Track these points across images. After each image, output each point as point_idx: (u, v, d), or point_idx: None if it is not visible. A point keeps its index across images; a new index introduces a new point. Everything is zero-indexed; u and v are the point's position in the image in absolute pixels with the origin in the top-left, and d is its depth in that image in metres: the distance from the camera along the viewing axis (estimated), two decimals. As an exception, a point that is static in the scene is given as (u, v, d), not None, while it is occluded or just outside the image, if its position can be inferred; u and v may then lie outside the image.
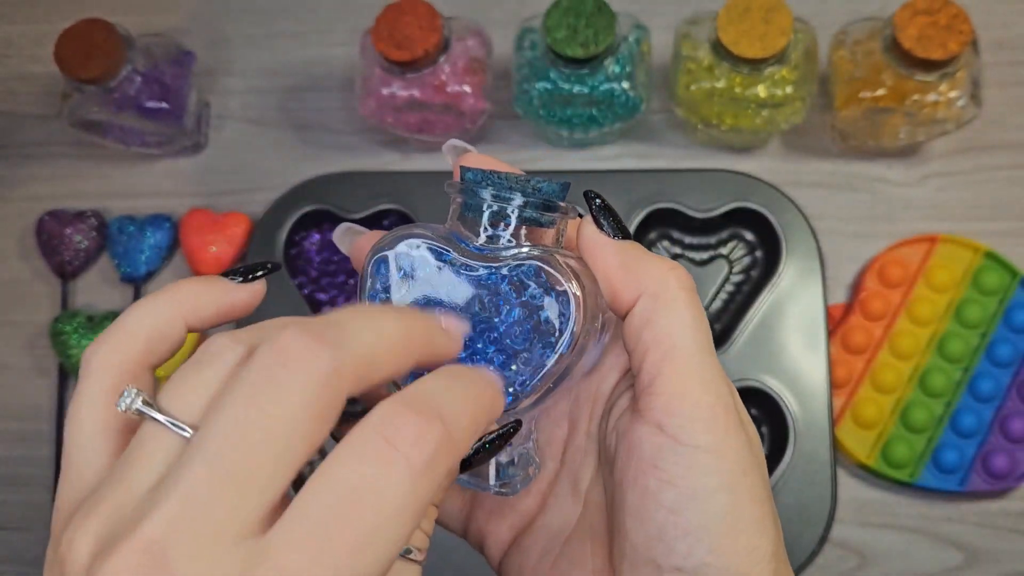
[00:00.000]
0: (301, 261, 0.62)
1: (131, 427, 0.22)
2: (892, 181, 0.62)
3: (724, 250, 0.61)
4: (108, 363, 0.23)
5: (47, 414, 0.63)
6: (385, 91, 0.57)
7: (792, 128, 0.60)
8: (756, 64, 0.54)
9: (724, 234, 0.61)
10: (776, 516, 0.26)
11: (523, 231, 0.27)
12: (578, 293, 0.26)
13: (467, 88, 0.57)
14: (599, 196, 0.28)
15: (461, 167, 0.28)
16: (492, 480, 0.28)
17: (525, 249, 0.27)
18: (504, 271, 0.27)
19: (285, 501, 0.19)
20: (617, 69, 0.56)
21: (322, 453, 0.21)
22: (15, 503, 0.62)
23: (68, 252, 0.64)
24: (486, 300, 0.27)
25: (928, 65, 0.52)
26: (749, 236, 0.60)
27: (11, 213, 0.67)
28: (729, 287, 0.60)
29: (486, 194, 0.27)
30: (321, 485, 0.19)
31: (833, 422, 0.56)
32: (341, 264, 0.63)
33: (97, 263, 0.65)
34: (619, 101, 0.57)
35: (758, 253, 0.60)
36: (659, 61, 0.62)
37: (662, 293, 0.26)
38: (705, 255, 0.61)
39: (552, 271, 0.26)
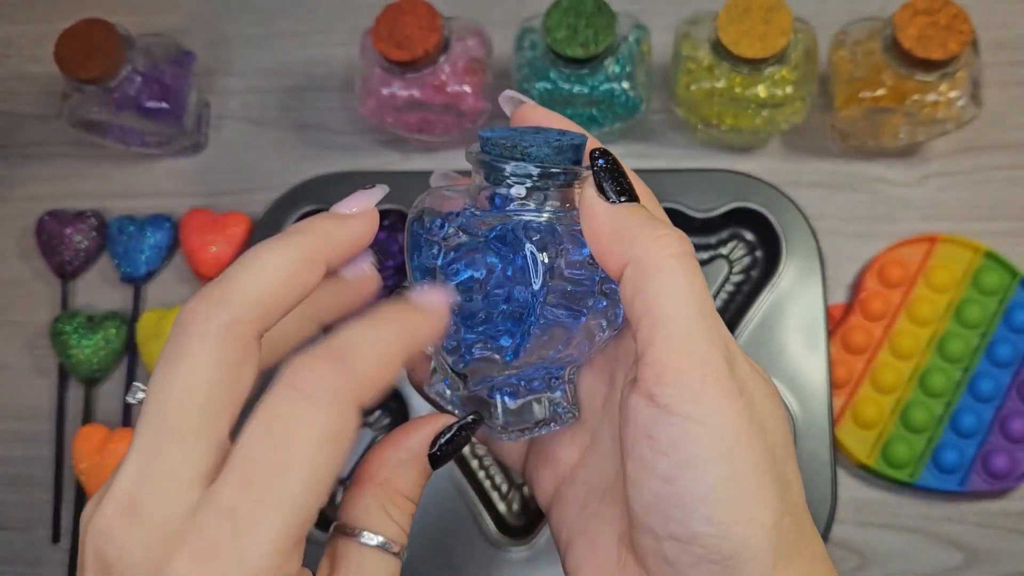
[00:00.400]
0: (301, 261, 0.62)
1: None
2: (892, 181, 0.62)
3: (724, 250, 0.61)
4: (208, 329, 0.25)
5: (47, 414, 0.63)
6: (385, 91, 0.57)
7: (792, 128, 0.60)
8: (756, 64, 0.54)
9: (724, 234, 0.61)
10: (786, 484, 0.26)
11: (542, 195, 0.28)
12: (543, 258, 0.27)
13: (467, 88, 0.57)
14: (605, 155, 0.27)
15: (480, 133, 0.29)
16: (500, 419, 0.30)
17: (540, 213, 0.28)
18: (497, 231, 0.28)
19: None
20: (617, 69, 0.56)
21: None
22: (15, 503, 0.62)
23: (68, 252, 0.64)
24: (497, 258, 0.28)
25: (928, 65, 0.52)
26: (749, 236, 0.60)
27: (11, 213, 0.67)
28: (729, 287, 0.60)
29: (503, 166, 0.28)
30: (245, 433, 0.22)
31: (833, 422, 0.56)
32: (341, 264, 0.62)
33: (97, 263, 0.65)
34: (619, 101, 0.57)
35: (758, 253, 0.60)
36: (659, 61, 0.62)
37: (648, 262, 0.25)
38: (705, 255, 0.61)
39: (527, 232, 0.27)
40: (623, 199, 0.27)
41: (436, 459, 0.28)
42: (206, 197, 0.65)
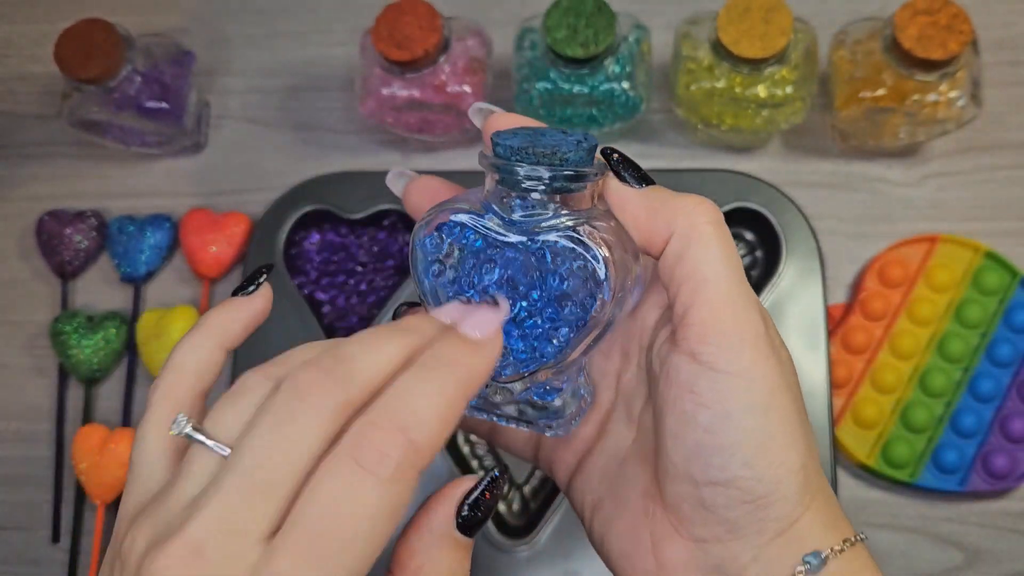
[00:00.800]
0: (301, 261, 0.62)
1: (184, 448, 0.26)
2: (892, 181, 0.62)
3: (724, 250, 0.61)
4: (166, 396, 0.27)
5: (47, 414, 0.63)
6: (385, 91, 0.57)
7: (792, 128, 0.60)
8: (756, 64, 0.54)
9: (724, 234, 0.61)
10: (808, 433, 0.28)
11: (557, 197, 0.28)
12: (607, 255, 0.28)
13: (467, 88, 0.57)
14: (615, 150, 0.29)
15: (493, 138, 0.29)
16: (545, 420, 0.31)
17: (559, 219, 0.28)
18: (537, 244, 0.28)
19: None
20: (617, 69, 0.56)
21: None
22: (15, 503, 0.62)
23: (68, 252, 0.64)
24: (523, 273, 0.29)
25: (928, 65, 0.52)
26: (749, 236, 0.60)
27: (11, 213, 0.67)
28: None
29: (518, 170, 0.28)
30: (307, 502, 0.22)
31: (833, 422, 0.56)
32: (341, 264, 0.63)
33: (97, 263, 0.65)
34: (619, 101, 0.57)
35: (758, 253, 0.60)
36: (659, 61, 0.62)
37: (690, 230, 0.28)
38: (705, 255, 0.61)
39: (581, 239, 0.28)
40: (642, 185, 0.29)
41: (467, 528, 0.27)
42: (206, 197, 0.65)
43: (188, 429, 0.25)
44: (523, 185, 0.28)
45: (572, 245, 0.28)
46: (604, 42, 0.53)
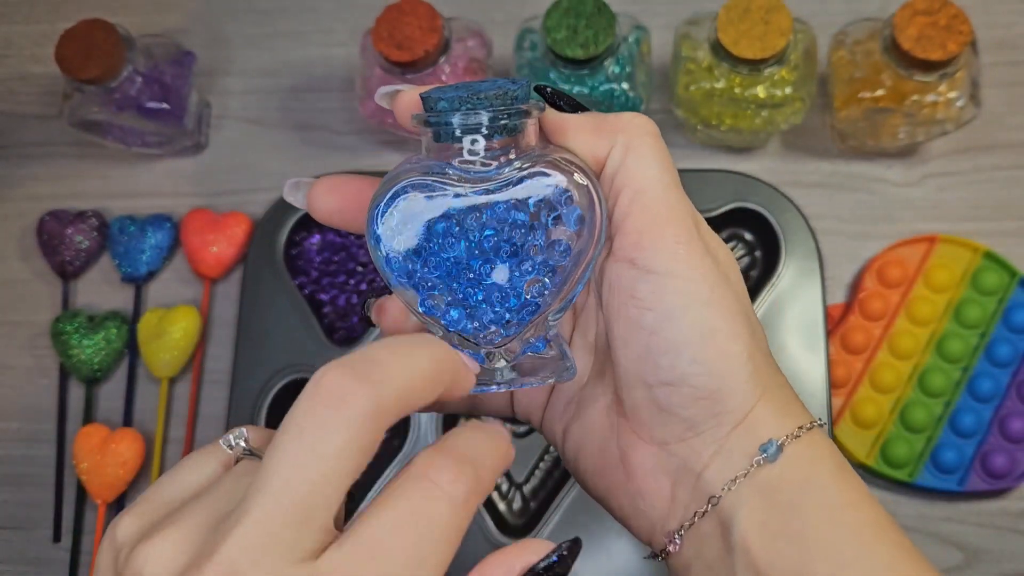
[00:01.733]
0: (301, 261, 0.62)
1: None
2: (891, 181, 0.62)
3: (724, 250, 0.61)
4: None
5: (48, 414, 0.63)
6: (385, 91, 0.57)
7: (791, 128, 0.60)
8: (755, 65, 0.54)
9: (723, 234, 0.61)
10: (754, 325, 0.29)
11: (502, 144, 0.27)
12: (587, 178, 0.27)
13: None
14: (547, 86, 0.30)
15: (422, 96, 0.28)
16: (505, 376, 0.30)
17: (516, 164, 0.27)
18: (506, 197, 0.27)
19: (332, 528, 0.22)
20: (617, 70, 0.56)
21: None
22: (15, 503, 0.62)
23: (69, 252, 0.64)
24: (504, 231, 0.27)
25: (927, 66, 0.52)
26: (748, 236, 0.60)
27: (12, 213, 0.67)
28: (729, 287, 0.60)
29: (455, 120, 0.26)
30: (375, 516, 0.22)
31: (832, 422, 0.56)
32: (341, 264, 0.63)
33: (98, 263, 0.65)
34: (619, 102, 0.57)
35: (757, 253, 0.60)
36: (659, 62, 0.62)
37: (631, 140, 0.28)
38: (705, 255, 0.61)
39: (558, 167, 0.27)
40: (580, 111, 0.29)
41: None
42: (206, 197, 0.66)
43: (240, 445, 0.26)
44: (471, 128, 0.26)
45: (550, 179, 0.27)
46: (604, 43, 0.53)
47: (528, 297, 0.28)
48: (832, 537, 0.27)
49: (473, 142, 0.27)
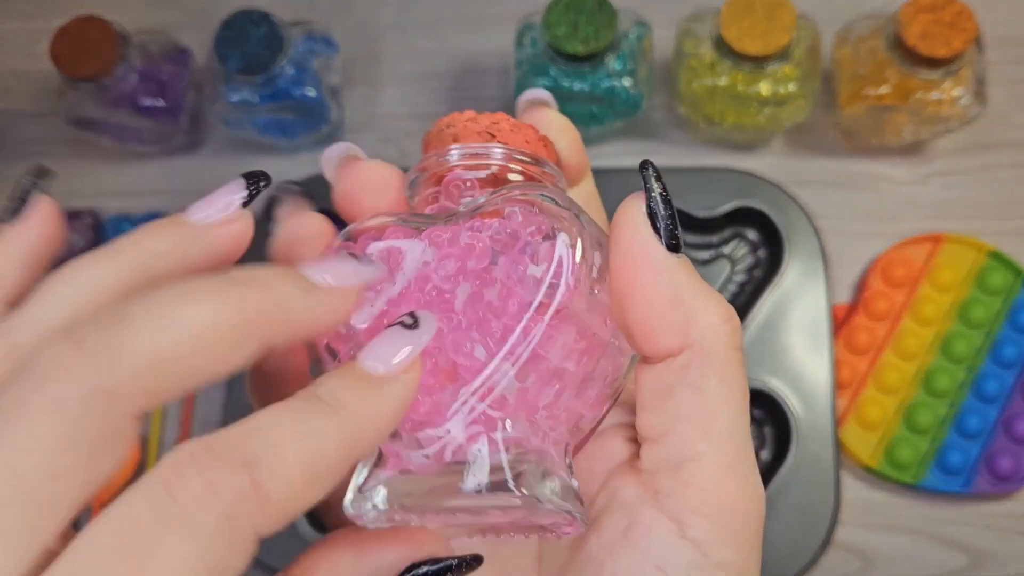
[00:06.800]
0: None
1: None
2: (896, 179, 0.62)
3: (726, 249, 0.60)
4: None
5: (42, 415, 0.62)
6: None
7: (795, 126, 0.60)
8: (759, 61, 0.53)
9: (726, 233, 0.60)
10: None
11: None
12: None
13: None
14: (659, 174, 0.22)
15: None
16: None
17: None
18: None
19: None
20: (618, 66, 0.56)
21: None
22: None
23: (63, 251, 0.63)
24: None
25: (932, 63, 0.52)
26: (752, 235, 0.60)
27: (6, 212, 0.66)
28: (732, 287, 0.60)
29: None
30: (86, 542, 0.16)
31: (836, 423, 0.55)
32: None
33: (93, 262, 0.65)
34: (620, 98, 0.57)
35: (760, 252, 0.60)
36: (661, 58, 0.62)
37: (715, 353, 0.21)
38: (707, 254, 0.60)
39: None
40: (672, 243, 0.21)
41: None
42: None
43: None
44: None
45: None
46: (605, 39, 0.53)
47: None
48: None
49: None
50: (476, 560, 0.20)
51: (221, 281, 0.18)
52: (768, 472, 0.55)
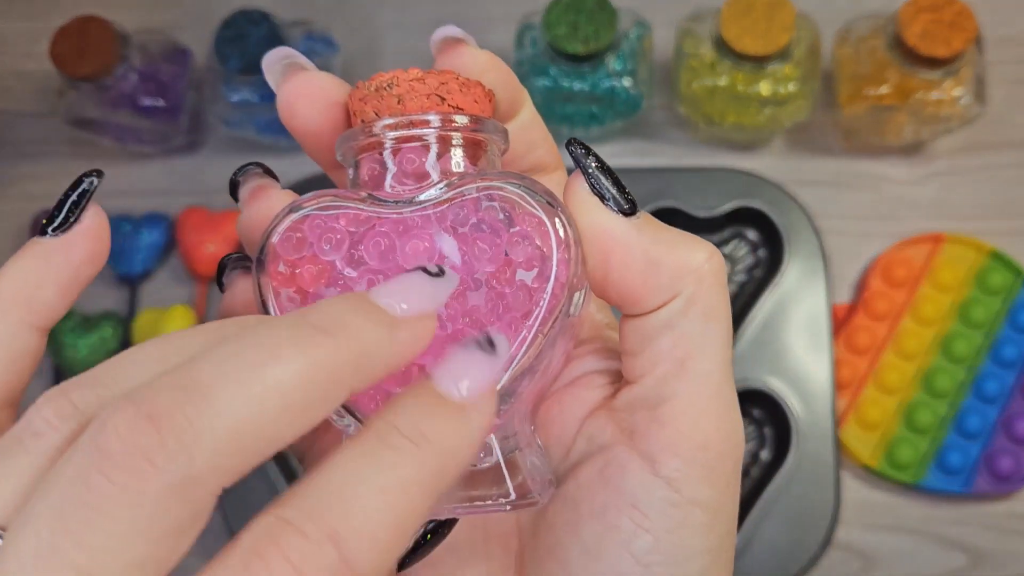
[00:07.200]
0: (299, 260, 0.62)
1: None
2: (896, 179, 0.62)
3: (726, 249, 0.60)
4: None
5: (42, 415, 0.62)
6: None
7: (795, 126, 0.60)
8: (759, 61, 0.53)
9: (726, 233, 0.60)
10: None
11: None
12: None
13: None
14: (587, 148, 0.21)
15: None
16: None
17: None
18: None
19: None
20: (618, 66, 0.56)
21: None
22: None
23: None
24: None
25: (932, 62, 0.52)
26: (752, 235, 0.60)
27: (6, 212, 0.66)
28: (732, 287, 0.60)
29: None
30: None
31: (837, 423, 0.55)
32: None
33: (93, 262, 0.65)
34: (620, 98, 0.56)
35: (761, 252, 0.60)
36: (661, 58, 0.62)
37: (700, 295, 0.21)
38: (707, 254, 0.60)
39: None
40: (627, 207, 0.21)
41: (404, 562, 0.20)
42: (202, 196, 0.65)
43: None
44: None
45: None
46: (605, 39, 0.53)
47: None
48: None
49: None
50: (449, 524, 0.20)
51: (299, 329, 0.16)
52: (768, 472, 0.55)
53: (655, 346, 0.21)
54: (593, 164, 0.21)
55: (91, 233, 0.20)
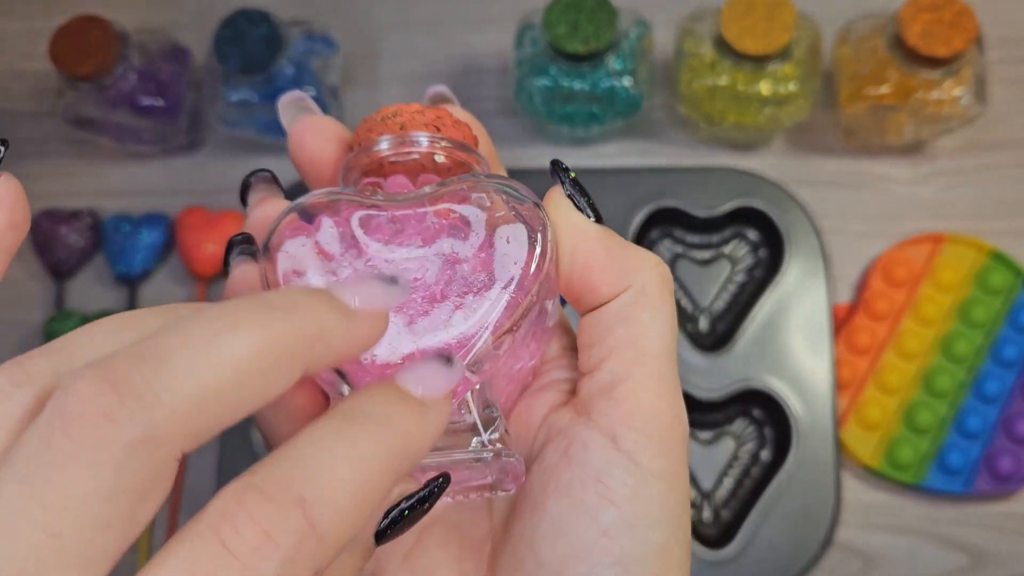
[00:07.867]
0: (298, 260, 0.62)
1: None
2: (897, 179, 0.62)
3: (727, 249, 0.60)
4: None
5: (41, 415, 0.62)
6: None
7: (796, 125, 0.60)
8: (759, 60, 0.53)
9: (727, 233, 0.60)
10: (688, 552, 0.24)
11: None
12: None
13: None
14: (567, 168, 0.25)
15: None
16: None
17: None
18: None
19: None
20: (618, 65, 0.56)
21: None
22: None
23: (63, 251, 0.63)
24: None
25: (932, 62, 0.52)
26: (752, 235, 0.60)
27: (5, 212, 0.66)
28: (732, 287, 0.60)
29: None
30: None
31: (837, 424, 0.55)
32: (339, 263, 0.62)
33: (92, 262, 0.64)
34: (620, 98, 0.56)
35: (761, 252, 0.60)
36: (661, 57, 0.62)
37: (649, 289, 0.23)
38: (707, 254, 0.60)
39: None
40: (595, 218, 0.25)
41: (382, 535, 0.20)
42: (201, 196, 0.65)
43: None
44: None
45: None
46: (605, 38, 0.53)
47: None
48: None
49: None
50: (446, 480, 0.21)
51: (257, 306, 0.17)
52: (768, 472, 0.55)
53: (611, 334, 0.23)
54: (570, 180, 0.25)
55: (5, 203, 0.20)
